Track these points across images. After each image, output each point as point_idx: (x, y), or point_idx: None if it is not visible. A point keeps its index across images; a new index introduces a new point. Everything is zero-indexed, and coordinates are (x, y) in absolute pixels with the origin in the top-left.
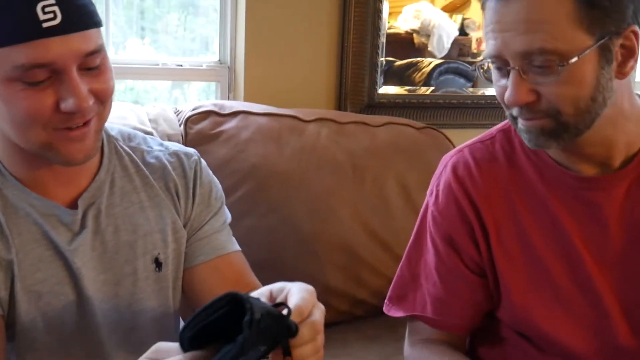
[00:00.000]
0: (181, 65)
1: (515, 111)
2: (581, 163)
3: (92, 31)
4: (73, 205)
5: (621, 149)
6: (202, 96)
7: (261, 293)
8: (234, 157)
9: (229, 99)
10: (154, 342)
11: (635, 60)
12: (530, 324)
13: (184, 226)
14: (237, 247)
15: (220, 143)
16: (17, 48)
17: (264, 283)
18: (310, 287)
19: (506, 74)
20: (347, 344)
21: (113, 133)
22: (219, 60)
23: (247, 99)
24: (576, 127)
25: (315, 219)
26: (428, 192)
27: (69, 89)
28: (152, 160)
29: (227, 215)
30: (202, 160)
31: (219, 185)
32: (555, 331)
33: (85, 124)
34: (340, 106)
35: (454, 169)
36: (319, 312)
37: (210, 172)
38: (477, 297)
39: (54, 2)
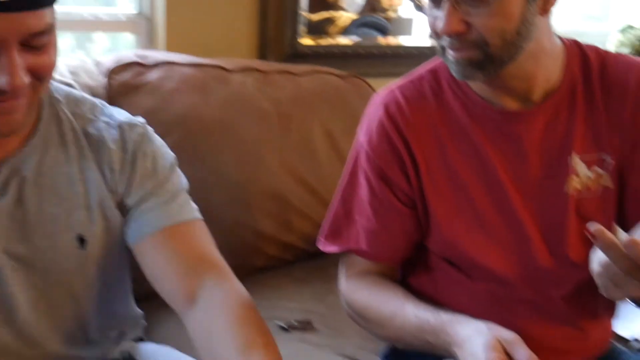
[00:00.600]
0: (97, 16)
1: (445, 41)
2: (504, 97)
3: (45, 9)
4: None
5: (540, 83)
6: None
7: None
8: (160, 108)
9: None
10: (69, 316)
11: None
12: (457, 251)
13: (121, 201)
14: (194, 216)
15: (145, 94)
16: None
17: None
18: None
19: (439, 5)
20: (280, 287)
21: (58, 95)
22: (140, 11)
23: (167, 50)
24: (501, 59)
25: (243, 167)
26: (360, 131)
27: (4, 67)
28: (93, 131)
29: (181, 182)
30: (149, 129)
31: (168, 153)
32: (480, 256)
33: (17, 97)
34: (262, 56)
35: (386, 108)
36: None
37: (157, 139)
38: (408, 228)
39: None
